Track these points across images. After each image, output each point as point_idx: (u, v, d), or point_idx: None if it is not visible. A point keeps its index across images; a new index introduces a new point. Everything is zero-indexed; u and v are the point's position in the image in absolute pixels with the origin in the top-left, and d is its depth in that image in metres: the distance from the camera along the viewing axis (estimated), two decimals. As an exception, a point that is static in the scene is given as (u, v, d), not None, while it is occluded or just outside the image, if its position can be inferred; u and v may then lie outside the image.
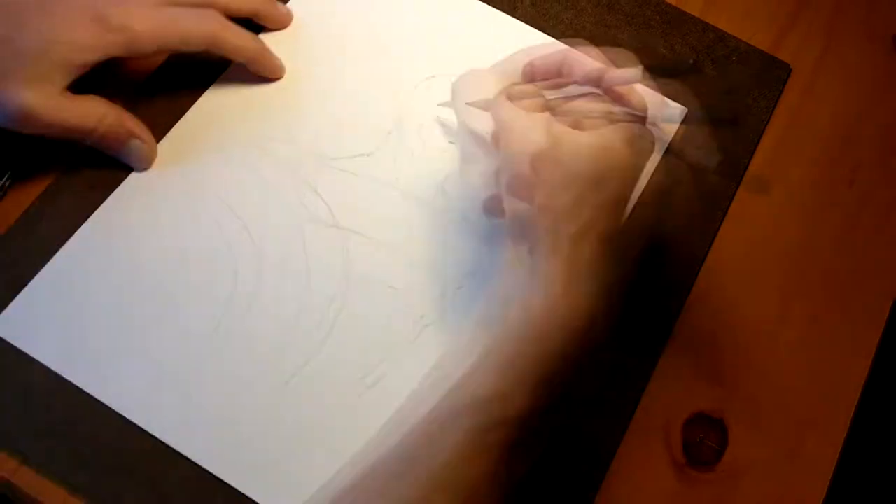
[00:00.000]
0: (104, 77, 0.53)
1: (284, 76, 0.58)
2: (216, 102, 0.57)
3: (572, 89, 0.47)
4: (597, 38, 0.61)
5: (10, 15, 0.49)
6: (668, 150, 0.47)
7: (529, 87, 0.48)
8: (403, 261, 0.53)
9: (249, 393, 0.49)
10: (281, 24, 0.60)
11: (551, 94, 0.47)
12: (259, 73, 0.57)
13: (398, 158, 0.56)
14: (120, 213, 0.53)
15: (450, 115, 0.54)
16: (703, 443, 0.51)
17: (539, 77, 0.49)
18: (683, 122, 0.49)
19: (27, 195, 0.53)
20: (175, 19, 0.53)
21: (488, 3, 0.62)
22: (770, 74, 0.62)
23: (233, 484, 0.47)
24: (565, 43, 0.48)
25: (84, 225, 0.52)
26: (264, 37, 0.60)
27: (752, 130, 0.59)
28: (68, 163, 0.54)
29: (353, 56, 0.60)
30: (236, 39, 0.55)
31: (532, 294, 0.42)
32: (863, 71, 0.63)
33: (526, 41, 0.61)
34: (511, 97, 0.47)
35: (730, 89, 0.60)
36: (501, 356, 0.41)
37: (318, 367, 0.50)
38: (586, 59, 0.47)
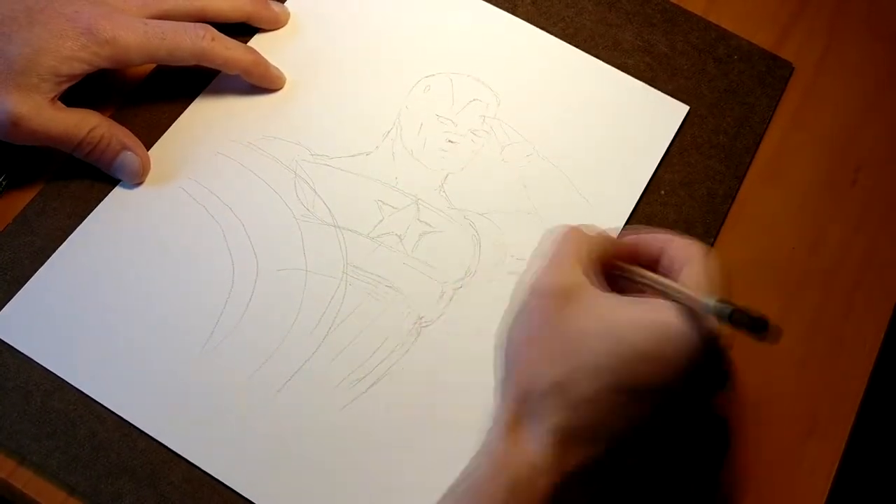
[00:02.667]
0: (95, 82, 0.53)
1: (283, 74, 0.58)
2: (212, 103, 0.57)
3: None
4: (597, 36, 0.61)
5: None
6: None
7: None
8: (402, 261, 0.53)
9: (247, 393, 0.49)
10: (276, 24, 0.60)
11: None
12: (256, 84, 0.57)
13: (398, 158, 0.56)
14: (117, 212, 0.53)
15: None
16: (704, 445, 0.50)
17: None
18: None
19: (24, 195, 0.53)
20: (163, 34, 0.52)
21: (488, 1, 0.62)
22: (772, 73, 0.61)
23: (231, 485, 0.46)
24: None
25: (81, 225, 0.52)
26: (261, 37, 0.59)
27: (755, 130, 0.59)
28: (65, 163, 0.54)
29: (351, 55, 0.59)
30: (227, 52, 0.55)
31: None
32: (865, 70, 0.62)
33: (526, 39, 0.61)
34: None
35: (731, 88, 0.60)
36: None
37: (316, 368, 0.49)
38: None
